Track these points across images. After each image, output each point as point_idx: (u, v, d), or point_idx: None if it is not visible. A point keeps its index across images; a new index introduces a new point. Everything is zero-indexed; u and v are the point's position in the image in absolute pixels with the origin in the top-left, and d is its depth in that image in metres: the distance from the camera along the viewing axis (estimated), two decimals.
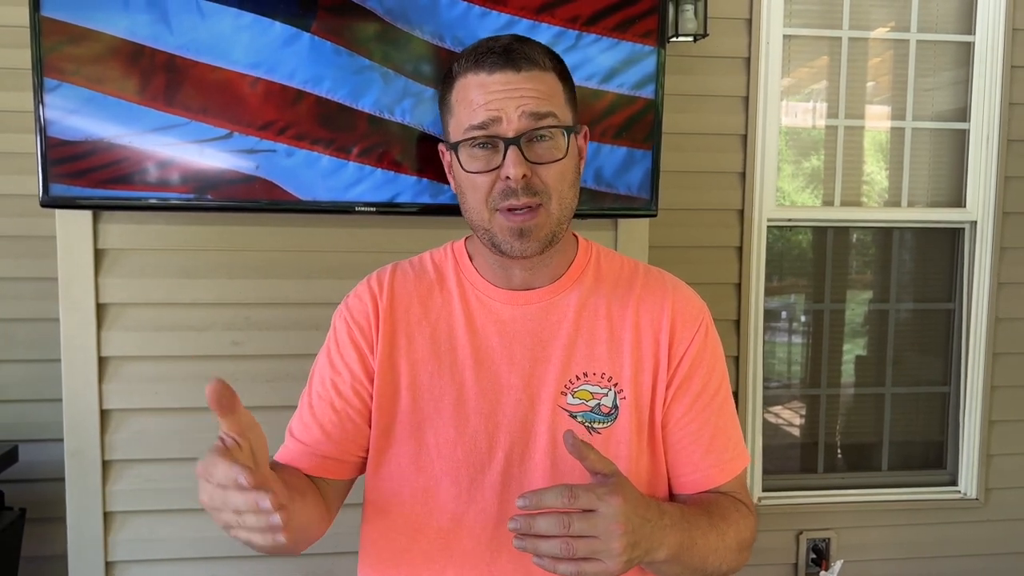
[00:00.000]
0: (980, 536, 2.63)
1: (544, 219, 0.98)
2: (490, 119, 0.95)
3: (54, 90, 1.67)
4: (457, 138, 0.99)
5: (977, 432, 2.60)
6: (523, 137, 0.95)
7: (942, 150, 2.62)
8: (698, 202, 2.42)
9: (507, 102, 0.95)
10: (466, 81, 0.98)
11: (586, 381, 1.03)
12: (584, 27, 1.78)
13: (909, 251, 2.67)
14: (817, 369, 2.65)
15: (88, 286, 1.81)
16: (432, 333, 1.05)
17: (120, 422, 1.87)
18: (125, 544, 1.88)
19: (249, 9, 1.69)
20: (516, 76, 0.96)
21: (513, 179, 0.95)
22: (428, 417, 1.03)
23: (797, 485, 2.59)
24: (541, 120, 0.96)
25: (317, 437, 1.05)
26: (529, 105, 0.96)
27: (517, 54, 0.97)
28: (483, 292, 1.06)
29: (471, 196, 0.99)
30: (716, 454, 1.05)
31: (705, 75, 2.38)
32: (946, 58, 2.59)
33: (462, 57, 1.00)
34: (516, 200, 0.96)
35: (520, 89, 0.96)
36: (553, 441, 1.01)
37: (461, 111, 0.98)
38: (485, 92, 0.96)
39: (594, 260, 1.10)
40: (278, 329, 1.89)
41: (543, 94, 0.97)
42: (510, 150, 0.95)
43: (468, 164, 0.98)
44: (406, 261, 1.13)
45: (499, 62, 0.96)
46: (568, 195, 1.00)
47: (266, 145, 1.73)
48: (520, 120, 0.95)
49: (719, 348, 1.10)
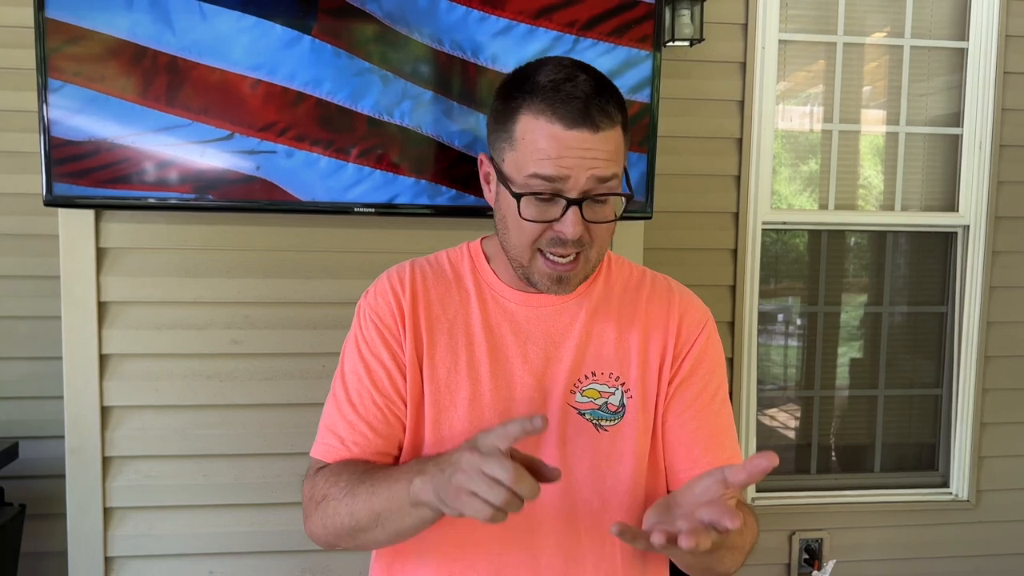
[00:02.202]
0: (972, 537, 2.65)
1: (583, 267, 1.01)
2: (559, 176, 0.95)
3: (58, 90, 1.69)
4: (514, 173, 0.98)
5: (969, 434, 2.63)
6: (586, 201, 0.96)
7: (935, 155, 2.64)
8: (694, 205, 2.44)
9: (579, 163, 0.94)
10: (536, 124, 0.95)
11: (595, 380, 1.06)
12: (581, 32, 1.80)
13: (903, 255, 2.69)
14: (811, 371, 2.68)
15: (90, 284, 1.83)
16: (450, 330, 1.08)
17: (120, 419, 1.88)
18: (124, 540, 1.90)
19: (250, 12, 1.71)
20: (592, 137, 0.94)
21: (570, 239, 0.97)
22: (444, 411, 1.05)
23: (791, 486, 2.62)
24: (606, 184, 0.97)
25: (365, 435, 1.06)
26: (598, 170, 0.95)
27: (596, 111, 0.94)
28: (499, 293, 1.09)
29: (516, 235, 1.01)
30: (714, 452, 1.07)
31: (701, 79, 2.41)
32: (940, 64, 2.62)
33: (533, 88, 0.96)
34: (564, 250, 0.98)
35: (593, 151, 0.94)
36: (563, 437, 1.04)
37: (526, 152, 0.97)
38: (559, 146, 0.94)
39: (606, 264, 1.13)
40: (277, 328, 1.91)
41: (611, 155, 0.96)
42: (572, 210, 0.95)
43: (525, 211, 0.98)
44: (423, 259, 1.15)
45: (578, 119, 0.93)
46: (607, 243, 1.04)
47: (267, 146, 1.75)
48: (586, 183, 0.95)
49: (721, 354, 1.13)
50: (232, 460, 1.92)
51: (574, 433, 1.05)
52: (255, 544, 1.94)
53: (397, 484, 0.92)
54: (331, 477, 1.02)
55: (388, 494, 0.93)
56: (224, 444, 1.91)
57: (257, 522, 1.93)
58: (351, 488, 0.97)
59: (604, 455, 1.05)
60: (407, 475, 0.92)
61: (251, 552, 1.94)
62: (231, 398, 1.90)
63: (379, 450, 1.06)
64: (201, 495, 1.91)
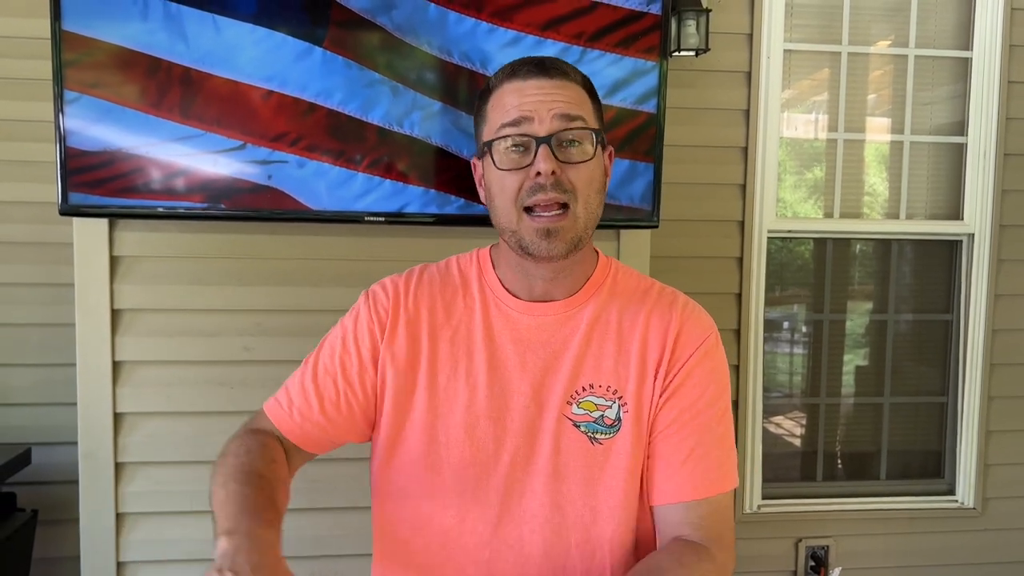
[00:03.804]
0: (977, 545, 2.65)
1: (571, 222, 1.02)
2: (523, 117, 1.01)
3: (74, 101, 1.72)
4: (489, 137, 1.04)
5: (975, 442, 2.63)
6: (554, 138, 1.00)
7: (940, 163, 2.65)
8: (699, 213, 2.45)
9: (540, 104, 1.01)
10: (501, 90, 1.04)
11: (592, 392, 1.06)
12: (588, 43, 1.82)
13: (908, 263, 2.70)
14: (816, 379, 2.68)
15: (103, 292, 1.85)
16: (452, 336, 1.09)
17: (133, 425, 1.90)
18: (136, 545, 1.91)
19: (263, 24, 1.74)
20: (549, 82, 1.02)
21: (543, 174, 0.99)
22: (441, 416, 1.07)
23: (796, 493, 2.62)
24: (571, 122, 1.01)
25: (312, 406, 1.08)
26: (560, 107, 1.01)
27: (550, 64, 1.04)
28: (502, 301, 1.10)
29: (500, 199, 1.03)
30: (693, 467, 1.04)
31: (707, 89, 2.43)
32: (944, 73, 2.63)
33: (497, 73, 1.07)
34: (544, 195, 1.00)
35: (553, 94, 1.02)
36: (556, 448, 1.05)
37: (495, 115, 1.04)
38: (520, 95, 1.02)
39: (612, 276, 1.13)
40: (288, 335, 1.93)
41: (574, 100, 1.03)
42: (541, 148, 1.00)
43: (500, 162, 1.02)
44: (434, 264, 1.17)
45: (533, 70, 1.03)
46: (594, 201, 1.04)
47: (278, 156, 1.78)
48: (552, 121, 1.01)
49: (719, 370, 1.09)
50: None
51: (568, 445, 1.05)
52: None
53: (224, 518, 0.89)
54: (240, 449, 1.02)
55: (220, 515, 0.91)
56: None
57: None
58: (227, 479, 0.96)
59: (597, 468, 1.05)
60: (233, 521, 0.88)
61: None
62: (242, 405, 1.92)
63: (316, 427, 1.08)
64: None
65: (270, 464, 1.01)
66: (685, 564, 0.98)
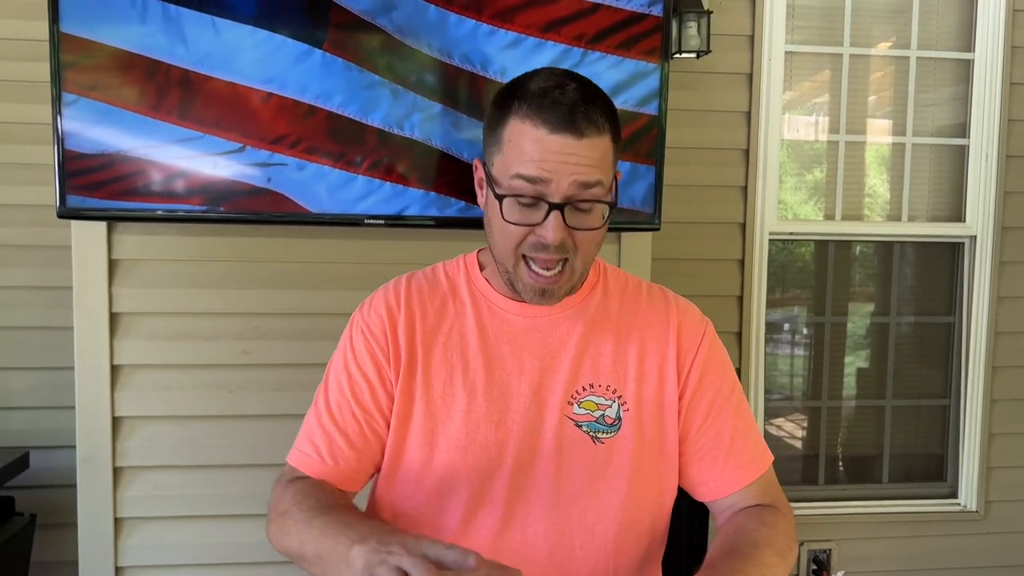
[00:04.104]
0: (980, 548, 2.64)
1: (567, 278, 1.01)
2: (540, 178, 0.95)
3: (72, 104, 1.71)
4: (500, 175, 0.99)
5: (977, 445, 2.62)
6: (568, 206, 0.96)
7: (942, 165, 2.65)
8: (700, 215, 2.44)
9: (561, 167, 0.95)
10: (523, 127, 0.96)
11: (592, 392, 1.05)
12: (589, 45, 1.82)
13: (910, 265, 2.69)
14: (818, 381, 2.67)
15: (102, 295, 1.84)
16: (445, 343, 1.07)
17: (132, 429, 1.89)
18: (135, 550, 1.90)
19: (262, 26, 1.73)
20: (575, 143, 0.94)
21: (552, 244, 0.97)
22: (440, 424, 1.05)
23: (798, 496, 2.61)
24: (588, 190, 0.96)
25: (341, 447, 1.06)
26: (580, 174, 0.95)
27: (581, 118, 0.94)
28: (495, 303, 1.09)
29: (500, 239, 1.01)
30: (738, 455, 1.08)
31: (708, 90, 2.42)
32: (946, 75, 2.62)
33: (523, 94, 0.97)
34: (546, 255, 0.98)
35: (576, 156, 0.95)
36: (559, 449, 1.04)
37: (511, 154, 0.98)
38: (541, 150, 0.95)
39: (602, 276, 1.13)
40: (287, 339, 1.92)
41: (596, 162, 0.96)
42: (553, 215, 0.96)
43: (508, 214, 0.98)
44: (420, 272, 1.15)
45: (562, 124, 0.94)
46: (593, 252, 1.03)
47: (278, 159, 1.77)
48: (569, 188, 0.95)
49: (725, 354, 1.13)
50: (242, 471, 1.92)
51: (570, 445, 1.04)
52: (265, 555, 1.91)
53: (342, 538, 0.88)
54: (298, 496, 1.00)
55: (333, 542, 0.89)
56: (234, 455, 1.92)
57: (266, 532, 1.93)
58: (309, 518, 0.95)
59: (600, 468, 1.04)
60: (355, 533, 0.87)
61: (261, 563, 1.94)
62: (241, 409, 1.91)
63: (353, 465, 1.05)
64: (211, 506, 1.92)
65: (333, 493, 1.01)
66: (767, 523, 1.03)
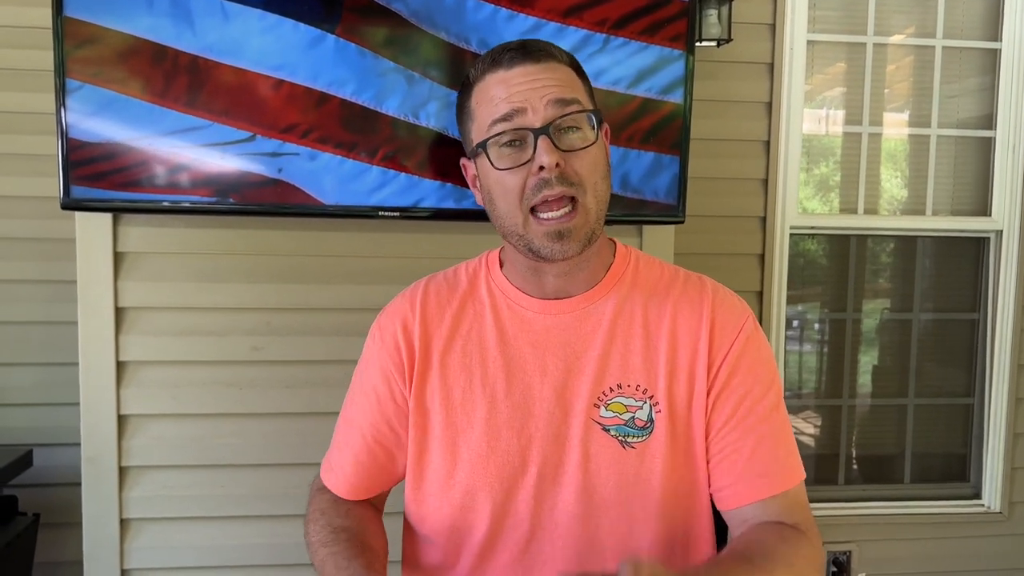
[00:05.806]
0: (1004, 550, 2.59)
1: (582, 218, 0.95)
2: (514, 110, 0.93)
3: (76, 92, 1.65)
4: (481, 138, 0.96)
5: (1001, 444, 2.56)
6: (552, 127, 0.93)
7: (967, 158, 2.58)
8: (720, 209, 2.39)
9: (531, 92, 0.93)
10: (484, 82, 0.96)
11: (620, 393, 0.99)
12: (612, 30, 1.75)
13: (933, 260, 2.63)
14: (838, 379, 2.62)
15: (107, 289, 1.80)
16: (464, 347, 1.03)
17: (138, 427, 1.85)
18: (141, 552, 1.86)
19: (273, 10, 1.67)
20: (536, 67, 0.94)
21: (547, 167, 0.92)
22: (461, 432, 1.01)
23: (818, 497, 2.56)
24: (567, 107, 0.94)
25: (346, 465, 1.08)
26: (554, 93, 0.94)
27: (533, 47, 0.96)
28: (515, 301, 1.03)
29: (502, 202, 0.96)
30: (759, 463, 0.99)
31: (728, 80, 2.36)
32: (971, 65, 2.56)
33: (477, 63, 0.99)
34: (551, 190, 0.93)
35: (542, 79, 0.94)
36: (586, 455, 0.98)
37: (482, 111, 0.96)
38: (507, 87, 0.94)
39: (632, 266, 1.06)
40: (299, 334, 1.87)
41: (564, 83, 0.95)
42: (540, 140, 0.92)
43: (498, 161, 0.95)
44: (441, 273, 1.11)
45: (517, 56, 0.95)
46: (602, 187, 0.97)
47: (289, 148, 1.71)
48: (547, 109, 0.93)
49: (765, 355, 1.03)
50: (252, 470, 1.88)
51: (598, 451, 0.98)
52: (274, 556, 1.90)
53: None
54: (316, 513, 1.04)
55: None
56: (244, 454, 1.88)
57: (276, 534, 1.89)
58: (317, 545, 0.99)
59: (631, 475, 0.98)
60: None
61: (270, 565, 1.90)
62: (251, 406, 1.86)
63: (356, 483, 1.07)
64: (220, 506, 1.87)
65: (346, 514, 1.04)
66: (786, 540, 0.94)
